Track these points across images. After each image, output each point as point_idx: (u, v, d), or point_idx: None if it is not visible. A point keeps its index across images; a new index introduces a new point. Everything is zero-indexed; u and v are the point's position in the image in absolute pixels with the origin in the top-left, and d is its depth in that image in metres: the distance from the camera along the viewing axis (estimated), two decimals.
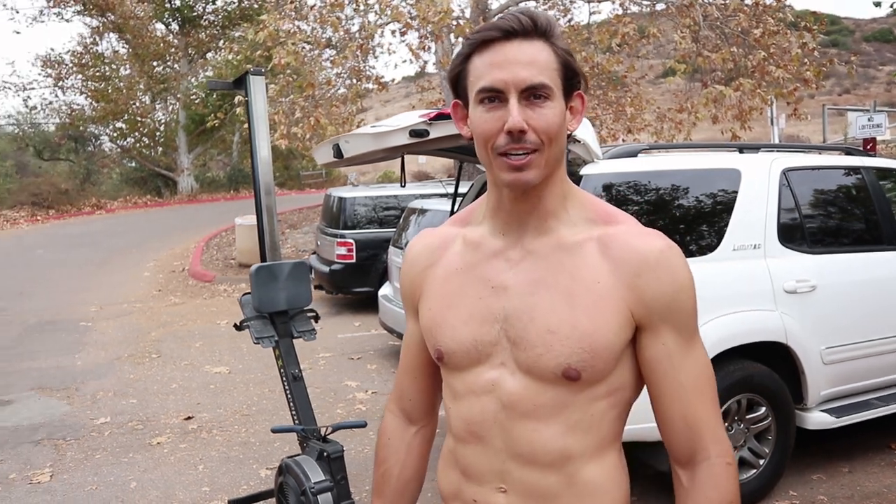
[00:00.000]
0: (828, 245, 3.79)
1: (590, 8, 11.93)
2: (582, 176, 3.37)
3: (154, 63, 29.06)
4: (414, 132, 3.34)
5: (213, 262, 13.03)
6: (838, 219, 3.92)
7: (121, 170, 32.56)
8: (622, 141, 11.87)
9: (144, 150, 30.96)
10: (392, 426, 1.37)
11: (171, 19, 28.98)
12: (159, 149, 31.03)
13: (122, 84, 28.31)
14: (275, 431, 3.27)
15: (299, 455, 3.08)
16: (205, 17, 29.05)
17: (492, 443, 1.14)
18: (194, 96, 29.16)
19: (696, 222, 3.53)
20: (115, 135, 30.60)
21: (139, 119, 29.53)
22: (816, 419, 3.65)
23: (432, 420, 1.38)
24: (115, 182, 31.87)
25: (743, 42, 10.20)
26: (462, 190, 5.34)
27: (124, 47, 29.05)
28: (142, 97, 29.36)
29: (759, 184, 3.64)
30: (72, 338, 7.85)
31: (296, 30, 10.21)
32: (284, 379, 3.39)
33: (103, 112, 27.99)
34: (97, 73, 28.41)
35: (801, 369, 3.57)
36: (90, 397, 5.77)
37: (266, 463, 4.39)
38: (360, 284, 8.70)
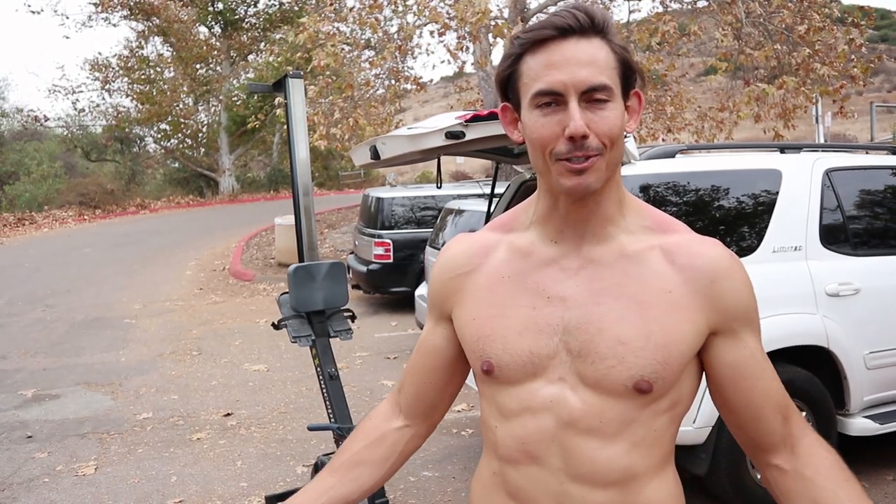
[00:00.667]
0: (872, 247, 3.69)
1: (629, 6, 11.83)
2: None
3: (197, 66, 29.63)
4: (450, 134, 3.35)
5: (253, 262, 13.22)
6: (884, 220, 3.82)
7: (164, 170, 33.24)
8: (662, 140, 11.73)
9: (187, 151, 31.61)
10: (381, 410, 1.31)
11: (213, 22, 29.49)
12: (201, 150, 31.63)
13: (166, 86, 28.92)
14: (311, 429, 3.30)
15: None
16: (246, 20, 29.50)
17: (549, 463, 1.08)
18: (236, 98, 29.61)
19: (735, 224, 3.48)
20: (159, 136, 31.29)
21: (182, 121, 30.12)
22: (859, 425, 3.56)
23: (418, 425, 1.29)
24: (159, 182, 32.55)
25: (787, 39, 9.98)
26: (499, 190, 5.34)
27: (168, 50, 29.68)
28: (185, 99, 29.96)
29: (800, 185, 3.57)
30: (116, 334, 8.06)
31: (335, 31, 10.30)
32: (321, 377, 3.43)
33: (148, 114, 28.63)
34: (142, 76, 29.08)
35: (844, 374, 3.49)
36: (133, 393, 5.91)
37: (302, 460, 4.45)
38: (398, 284, 8.75)
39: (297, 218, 3.61)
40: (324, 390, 3.41)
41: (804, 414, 3.47)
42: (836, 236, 3.59)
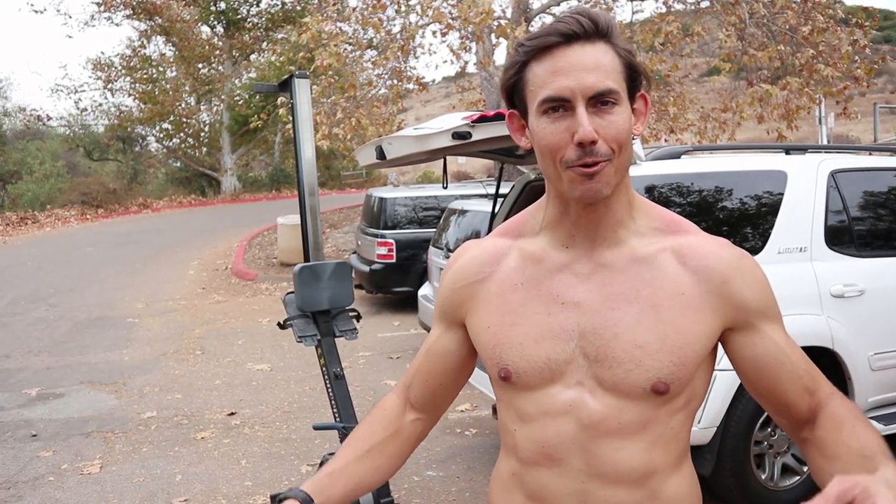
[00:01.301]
0: (877, 249, 3.70)
1: (633, 6, 11.82)
2: None
3: (199, 65, 29.67)
4: (457, 134, 3.36)
5: (256, 261, 13.24)
6: (889, 222, 3.82)
7: (166, 170, 33.27)
8: (664, 141, 11.73)
9: (189, 151, 31.64)
10: (393, 402, 1.30)
11: (216, 22, 29.53)
12: (204, 149, 31.66)
13: (168, 86, 28.98)
14: (316, 428, 3.31)
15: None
16: (249, 20, 29.52)
17: (569, 464, 1.09)
18: (238, 97, 29.66)
19: (740, 225, 3.48)
20: (162, 135, 31.30)
21: (184, 120, 30.17)
22: None
23: (428, 418, 1.30)
24: (161, 182, 32.58)
25: (790, 40, 9.98)
26: (503, 191, 5.34)
27: (171, 50, 29.71)
28: (187, 99, 30.01)
29: (805, 186, 3.57)
30: (119, 334, 8.07)
31: (338, 31, 10.32)
32: (326, 377, 3.43)
33: (150, 113, 28.66)
34: (145, 76, 29.13)
35: (848, 375, 3.49)
36: (137, 392, 5.92)
37: (307, 459, 4.46)
38: (400, 284, 8.75)
39: (303, 217, 3.62)
40: (329, 390, 3.41)
41: None
42: (841, 238, 3.59)
